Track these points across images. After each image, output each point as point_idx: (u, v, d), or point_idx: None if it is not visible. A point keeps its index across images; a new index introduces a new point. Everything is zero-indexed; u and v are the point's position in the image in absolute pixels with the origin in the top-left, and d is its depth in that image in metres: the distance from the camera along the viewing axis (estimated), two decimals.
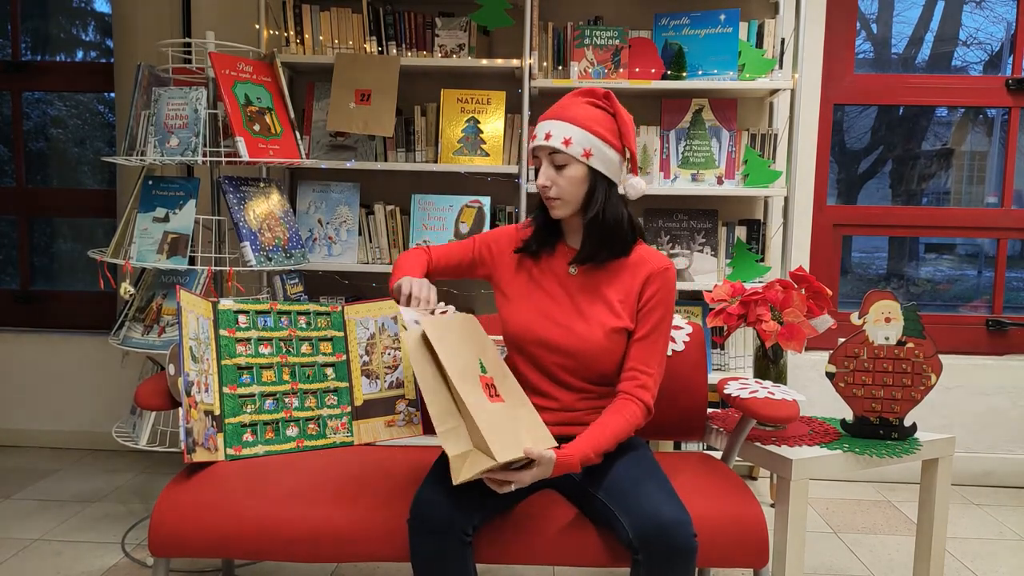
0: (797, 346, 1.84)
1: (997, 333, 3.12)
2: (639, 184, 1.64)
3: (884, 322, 1.86)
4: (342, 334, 1.96)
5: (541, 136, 1.56)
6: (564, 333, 1.59)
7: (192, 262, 2.31)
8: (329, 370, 1.93)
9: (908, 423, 1.89)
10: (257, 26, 2.77)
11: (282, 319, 1.91)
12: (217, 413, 1.76)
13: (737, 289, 1.96)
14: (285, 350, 1.89)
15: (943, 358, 1.87)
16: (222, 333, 1.82)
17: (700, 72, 2.77)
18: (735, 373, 2.86)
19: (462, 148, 2.80)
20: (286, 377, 1.87)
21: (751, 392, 1.74)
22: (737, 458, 1.86)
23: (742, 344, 2.87)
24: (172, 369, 1.71)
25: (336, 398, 1.92)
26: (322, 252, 2.85)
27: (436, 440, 1.43)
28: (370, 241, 2.87)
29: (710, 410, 2.07)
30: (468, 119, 2.81)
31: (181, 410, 1.63)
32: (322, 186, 2.87)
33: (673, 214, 2.87)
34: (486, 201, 2.82)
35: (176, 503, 1.58)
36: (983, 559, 2.38)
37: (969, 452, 3.01)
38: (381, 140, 2.84)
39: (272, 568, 2.22)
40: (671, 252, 2.86)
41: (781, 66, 2.77)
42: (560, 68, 2.81)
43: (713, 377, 2.71)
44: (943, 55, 3.24)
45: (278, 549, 1.55)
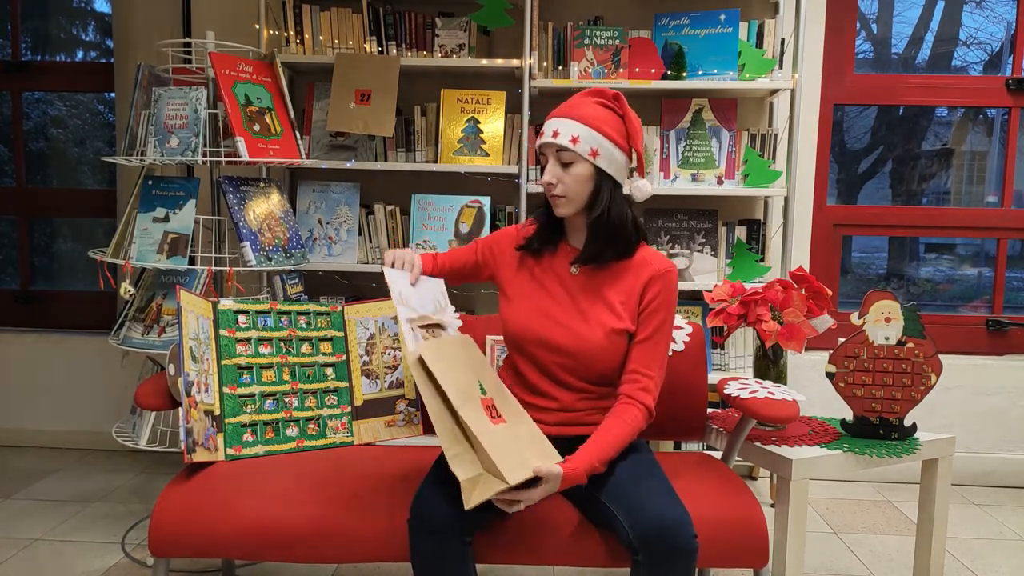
0: (797, 346, 1.84)
1: (997, 333, 3.12)
2: (645, 186, 1.64)
3: (884, 322, 1.86)
4: (342, 334, 1.96)
5: (549, 133, 1.56)
6: (565, 333, 1.58)
7: (192, 262, 2.31)
8: (329, 370, 1.93)
9: (908, 423, 1.89)
10: (257, 26, 2.77)
11: (282, 319, 1.91)
12: (217, 413, 1.76)
13: (737, 289, 1.96)
14: (285, 350, 1.89)
15: (943, 358, 1.87)
16: (222, 333, 1.82)
17: (700, 72, 2.77)
18: (735, 373, 2.86)
19: (462, 148, 2.80)
20: (286, 377, 1.87)
21: (751, 392, 1.74)
22: (737, 458, 1.86)
23: (742, 344, 2.87)
24: (172, 369, 1.71)
25: (336, 398, 1.92)
26: (322, 252, 2.85)
27: (436, 440, 1.44)
28: (370, 241, 2.87)
29: (710, 410, 2.07)
30: (468, 119, 2.81)
31: (181, 410, 1.63)
32: (322, 186, 2.87)
33: (673, 214, 2.87)
34: (486, 201, 2.82)
35: (176, 503, 1.58)
36: (983, 559, 2.38)
37: (969, 452, 3.01)
38: (381, 140, 2.84)
39: (272, 568, 2.22)
40: (671, 252, 2.86)
41: (781, 66, 2.77)
42: (560, 68, 2.81)
43: (713, 377, 2.71)
44: (943, 55, 3.24)
45: (278, 549, 1.55)
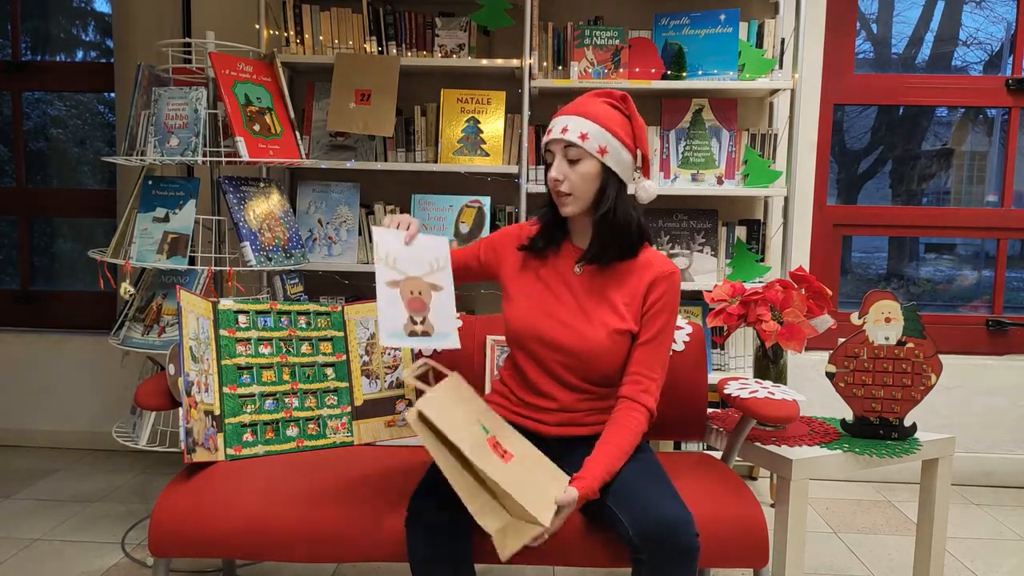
0: (797, 346, 1.84)
1: (997, 333, 3.12)
2: (651, 187, 1.65)
3: (884, 322, 1.86)
4: (342, 334, 1.96)
5: (557, 130, 1.56)
6: (568, 332, 1.58)
7: (192, 262, 2.31)
8: (329, 370, 1.93)
9: (908, 423, 1.89)
10: (257, 26, 2.77)
11: (282, 319, 1.91)
12: (217, 413, 1.75)
13: (737, 289, 1.96)
14: (285, 350, 1.89)
15: (943, 358, 1.87)
16: (222, 333, 1.82)
17: (700, 72, 2.77)
18: (735, 373, 2.86)
19: (462, 148, 2.80)
20: (286, 377, 1.87)
21: (751, 392, 1.74)
22: (737, 458, 1.86)
23: (742, 344, 2.87)
24: (172, 369, 1.71)
25: (336, 398, 1.91)
26: (322, 252, 2.85)
27: None
28: (370, 241, 2.87)
29: (710, 410, 2.06)
30: (468, 119, 2.81)
31: (181, 410, 1.63)
32: (322, 186, 2.87)
33: (673, 214, 2.87)
34: (486, 201, 2.81)
35: (176, 503, 1.58)
36: (983, 559, 2.38)
37: (969, 452, 3.01)
38: (381, 140, 2.84)
39: (272, 568, 2.22)
40: (671, 252, 2.86)
41: (781, 66, 2.77)
42: (560, 68, 2.81)
43: (713, 377, 2.71)
44: (943, 55, 3.24)
45: (278, 549, 1.55)
